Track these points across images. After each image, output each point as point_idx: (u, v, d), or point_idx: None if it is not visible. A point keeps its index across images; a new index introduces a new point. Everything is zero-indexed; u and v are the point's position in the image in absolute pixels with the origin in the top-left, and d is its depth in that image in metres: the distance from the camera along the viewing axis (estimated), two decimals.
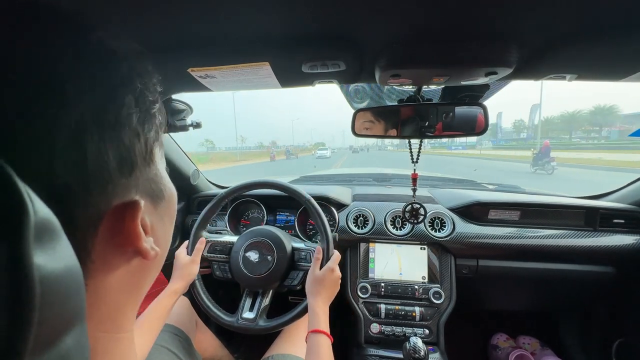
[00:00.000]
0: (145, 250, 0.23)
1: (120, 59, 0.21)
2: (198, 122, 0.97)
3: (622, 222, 0.98)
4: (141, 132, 0.22)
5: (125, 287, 0.25)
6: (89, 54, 0.20)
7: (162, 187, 0.27)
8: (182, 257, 0.80)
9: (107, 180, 0.20)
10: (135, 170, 0.22)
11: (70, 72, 0.18)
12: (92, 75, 0.20)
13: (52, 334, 0.13)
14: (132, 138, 0.21)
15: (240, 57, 0.50)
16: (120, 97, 0.21)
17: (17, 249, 0.11)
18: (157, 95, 0.25)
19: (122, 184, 0.21)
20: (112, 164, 0.20)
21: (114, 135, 0.20)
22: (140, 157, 0.23)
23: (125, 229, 0.22)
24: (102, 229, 0.21)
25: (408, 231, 1.02)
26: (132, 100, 0.21)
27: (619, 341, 1.05)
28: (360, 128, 0.74)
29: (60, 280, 0.13)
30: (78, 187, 0.18)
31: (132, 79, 0.22)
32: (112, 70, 0.21)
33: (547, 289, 1.10)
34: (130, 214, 0.22)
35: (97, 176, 0.19)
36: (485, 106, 0.67)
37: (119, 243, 0.22)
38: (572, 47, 0.47)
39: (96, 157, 0.19)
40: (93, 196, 0.20)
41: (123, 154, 0.21)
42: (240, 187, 0.90)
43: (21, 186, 0.12)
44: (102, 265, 0.22)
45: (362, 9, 0.39)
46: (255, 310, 0.80)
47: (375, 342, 0.94)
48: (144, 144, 0.23)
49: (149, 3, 0.37)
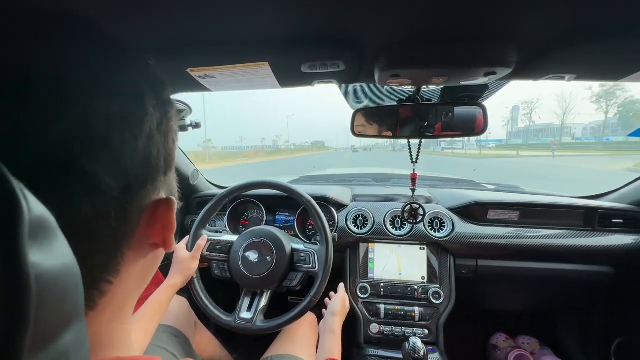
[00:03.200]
0: (171, 241, 0.27)
1: (162, 80, 0.26)
2: (197, 122, 0.97)
3: (621, 222, 0.98)
4: (175, 139, 0.27)
5: (137, 278, 0.27)
6: (149, 76, 0.25)
7: (175, 188, 0.31)
8: (182, 252, 0.80)
9: (157, 177, 0.24)
10: (169, 170, 0.27)
11: (147, 90, 0.23)
12: (156, 91, 0.25)
13: (50, 332, 0.13)
14: (172, 143, 0.27)
15: (240, 57, 0.50)
16: (168, 109, 0.26)
17: (11, 247, 0.11)
18: (172, 102, 0.29)
19: (161, 182, 0.26)
20: (162, 164, 0.25)
21: (166, 139, 0.25)
22: (171, 161, 0.27)
23: (161, 221, 0.26)
24: (144, 219, 0.24)
25: (407, 231, 1.02)
26: (173, 112, 0.27)
27: (618, 341, 1.05)
28: (359, 128, 0.74)
29: (57, 278, 0.13)
30: (141, 180, 0.23)
31: (170, 98, 0.27)
32: (164, 90, 0.26)
33: (546, 289, 1.10)
34: (168, 208, 0.26)
35: (153, 172, 0.24)
36: (484, 106, 0.67)
37: (151, 234, 0.25)
38: (571, 47, 0.47)
39: (156, 155, 0.24)
40: (147, 189, 0.24)
41: (168, 155, 0.26)
42: (240, 187, 0.90)
43: (15, 184, 0.12)
44: (133, 256, 0.25)
45: (361, 9, 0.40)
46: (253, 311, 0.79)
47: (374, 342, 0.94)
48: (171, 151, 0.27)
49: (148, 3, 0.37)
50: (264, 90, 0.66)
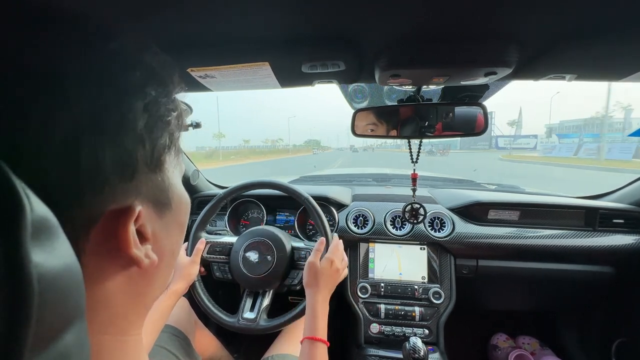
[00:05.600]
0: (136, 258, 0.23)
1: (135, 68, 0.22)
2: (198, 122, 0.97)
3: (622, 222, 0.98)
4: (147, 137, 0.22)
5: (126, 293, 0.25)
6: (100, 60, 0.21)
7: (169, 196, 0.27)
8: (182, 258, 0.80)
9: (102, 184, 0.20)
10: (136, 175, 0.22)
11: (74, 74, 0.19)
12: (98, 79, 0.20)
13: (52, 332, 0.13)
14: (134, 143, 0.21)
15: (240, 57, 0.50)
16: (126, 103, 0.21)
17: (14, 247, 0.11)
18: (177, 104, 0.26)
19: (120, 189, 0.21)
20: (109, 167, 0.20)
21: (113, 139, 0.20)
22: (142, 162, 0.22)
23: (117, 235, 0.22)
24: (95, 232, 0.20)
25: (408, 231, 1.02)
26: (141, 105, 0.22)
27: (619, 341, 1.05)
28: (359, 128, 0.74)
29: (58, 278, 0.13)
30: (70, 188, 0.18)
31: (144, 87, 0.22)
32: (120, 76, 0.21)
33: (547, 289, 1.10)
34: (123, 220, 0.22)
35: (91, 179, 0.19)
36: (484, 106, 0.67)
37: (111, 249, 0.22)
38: (571, 47, 0.47)
39: (91, 160, 0.19)
40: (86, 199, 0.19)
41: (123, 158, 0.21)
42: (240, 187, 0.90)
43: (18, 184, 0.12)
44: (95, 270, 0.22)
45: (362, 9, 0.40)
46: (256, 311, 0.80)
47: (375, 342, 0.94)
48: (149, 150, 0.23)
49: (147, 3, 0.37)
50: (264, 90, 0.66)
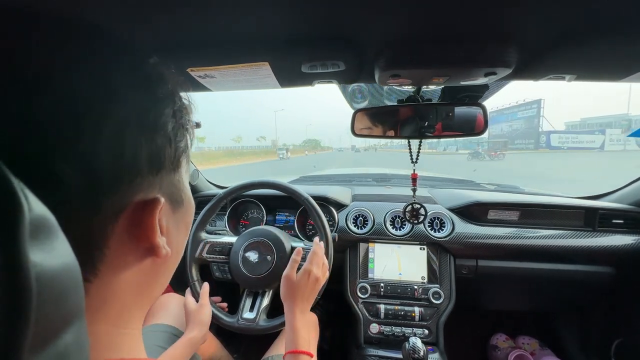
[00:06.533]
0: (158, 245, 0.25)
1: (166, 81, 0.26)
2: (198, 122, 0.97)
3: (622, 222, 0.98)
4: (173, 139, 0.26)
5: (136, 286, 0.26)
6: (142, 73, 0.25)
7: (182, 195, 0.30)
8: (191, 304, 0.77)
9: (137, 173, 0.23)
10: (161, 171, 0.25)
11: (124, 84, 0.23)
12: (141, 87, 0.24)
13: (50, 332, 0.13)
14: (164, 142, 0.25)
15: (240, 57, 0.50)
16: (160, 107, 0.25)
17: (12, 246, 0.11)
18: (192, 116, 0.30)
19: (148, 181, 0.24)
20: (144, 160, 0.23)
21: (150, 135, 0.23)
22: (168, 160, 0.25)
23: (143, 222, 0.24)
24: (123, 218, 0.23)
25: (407, 231, 1.02)
26: (170, 111, 0.25)
27: (618, 341, 1.05)
28: (359, 128, 0.74)
29: (57, 278, 0.13)
30: (112, 174, 0.21)
31: (173, 97, 0.26)
32: (157, 87, 0.25)
33: (547, 289, 1.10)
34: (150, 209, 0.24)
35: (129, 168, 0.22)
36: (484, 106, 0.67)
37: (136, 236, 0.24)
38: (571, 47, 0.47)
39: (132, 151, 0.22)
40: (123, 185, 0.22)
41: (154, 154, 0.24)
42: (240, 187, 0.90)
43: (15, 183, 0.12)
44: (116, 257, 0.23)
45: (361, 9, 0.40)
46: (256, 311, 0.80)
47: (374, 343, 0.94)
48: (173, 151, 0.26)
49: (147, 3, 0.37)
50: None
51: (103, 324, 0.24)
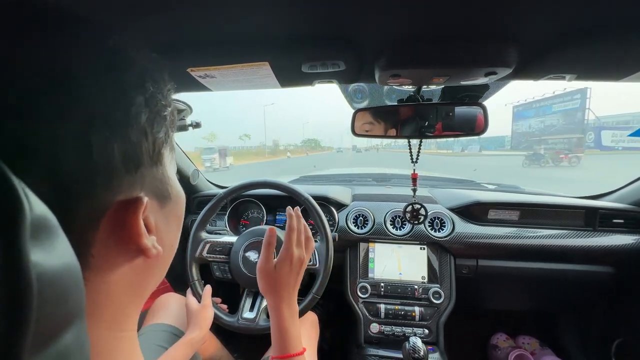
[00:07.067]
0: (146, 247, 0.23)
1: (134, 64, 0.23)
2: (198, 122, 0.97)
3: (622, 222, 0.98)
4: (149, 131, 0.23)
5: (128, 286, 0.25)
6: (104, 57, 0.21)
7: (168, 188, 0.27)
8: (193, 304, 0.76)
9: (112, 175, 0.21)
10: (140, 167, 0.23)
11: (83, 71, 0.20)
12: (105, 75, 0.21)
13: (51, 332, 0.13)
14: (139, 136, 0.22)
15: (240, 57, 0.50)
16: (129, 97, 0.22)
17: (13, 246, 0.11)
18: (170, 101, 0.26)
19: (127, 180, 0.22)
20: (118, 159, 0.21)
21: (121, 132, 0.21)
22: (146, 155, 0.23)
23: (127, 225, 0.22)
24: (104, 223, 0.21)
25: (408, 231, 1.02)
26: (142, 100, 0.22)
27: (618, 341, 1.05)
28: (359, 128, 0.74)
29: (58, 278, 0.13)
30: (82, 180, 0.19)
31: (144, 82, 0.23)
32: (124, 72, 0.22)
33: (547, 288, 1.10)
34: (133, 209, 0.22)
35: (101, 170, 0.20)
36: (485, 106, 0.67)
37: (121, 239, 0.22)
38: (571, 47, 0.47)
39: (102, 151, 0.20)
40: (97, 190, 0.20)
41: (129, 151, 0.21)
42: (240, 187, 0.90)
43: (16, 183, 0.12)
44: (103, 261, 0.22)
45: (362, 9, 0.40)
46: (256, 310, 0.80)
47: (375, 342, 0.94)
48: (151, 144, 0.23)
49: (148, 3, 0.37)
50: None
51: (97, 328, 0.23)
